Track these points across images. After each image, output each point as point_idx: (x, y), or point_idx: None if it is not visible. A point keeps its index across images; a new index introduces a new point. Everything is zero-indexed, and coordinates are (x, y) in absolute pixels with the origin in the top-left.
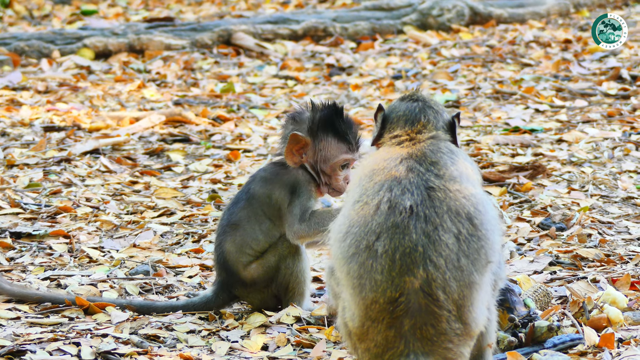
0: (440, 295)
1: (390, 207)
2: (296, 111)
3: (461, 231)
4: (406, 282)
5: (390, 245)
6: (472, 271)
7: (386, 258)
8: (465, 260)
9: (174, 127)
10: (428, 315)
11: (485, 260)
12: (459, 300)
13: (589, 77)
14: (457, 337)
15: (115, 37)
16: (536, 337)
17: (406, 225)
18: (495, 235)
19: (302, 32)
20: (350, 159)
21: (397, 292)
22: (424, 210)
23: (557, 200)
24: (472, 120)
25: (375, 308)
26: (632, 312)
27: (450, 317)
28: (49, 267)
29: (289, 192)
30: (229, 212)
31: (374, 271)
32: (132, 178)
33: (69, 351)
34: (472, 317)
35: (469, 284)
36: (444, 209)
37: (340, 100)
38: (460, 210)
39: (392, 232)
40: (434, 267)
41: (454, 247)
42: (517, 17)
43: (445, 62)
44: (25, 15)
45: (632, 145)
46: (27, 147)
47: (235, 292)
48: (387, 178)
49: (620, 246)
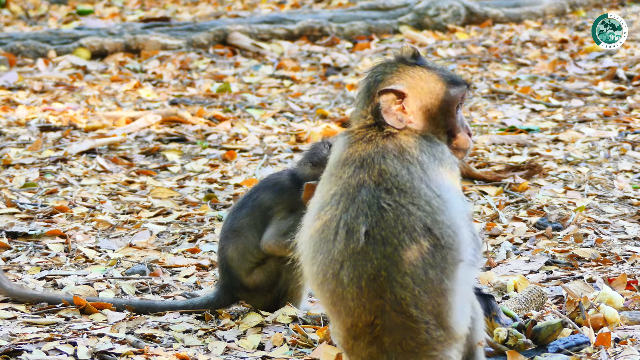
0: (412, 311)
1: (347, 231)
2: (314, 150)
3: (422, 244)
4: (377, 306)
5: (354, 273)
6: (442, 279)
7: (353, 286)
8: (432, 271)
9: (170, 126)
10: (406, 331)
11: (456, 262)
12: (434, 310)
13: (585, 77)
14: (440, 343)
15: (112, 37)
16: (542, 340)
17: (366, 252)
18: (461, 229)
19: (298, 32)
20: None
21: (371, 315)
22: (380, 233)
23: (553, 200)
24: (468, 120)
25: (356, 330)
26: (628, 312)
27: (429, 327)
28: (45, 267)
29: (289, 209)
30: (233, 216)
31: (345, 299)
32: (128, 178)
33: (65, 351)
34: (453, 321)
35: (442, 291)
36: (399, 229)
37: (336, 100)
38: (416, 226)
39: (353, 259)
40: (400, 287)
41: (418, 263)
42: (513, 17)
43: (441, 61)
44: (21, 15)
45: (628, 145)
46: (23, 147)
47: (239, 296)
48: (342, 192)
49: (616, 246)
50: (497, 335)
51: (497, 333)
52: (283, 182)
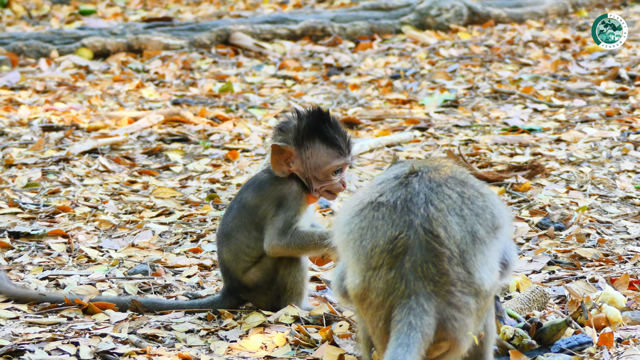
0: (440, 232)
1: (396, 176)
2: (283, 121)
3: (465, 192)
4: (406, 220)
5: (392, 196)
6: (475, 222)
7: (387, 205)
8: (468, 211)
9: (173, 126)
10: (429, 252)
11: (491, 221)
12: (461, 244)
13: (587, 77)
14: (460, 282)
15: (114, 37)
16: (547, 339)
17: (409, 182)
18: (503, 214)
19: (301, 32)
20: (343, 163)
21: (397, 230)
22: (428, 174)
23: (555, 200)
24: (470, 120)
25: (376, 253)
26: (630, 312)
27: (452, 257)
28: (47, 267)
29: (276, 205)
30: (222, 221)
31: (375, 219)
32: (130, 178)
33: (67, 351)
34: (475, 268)
35: (472, 232)
36: (447, 174)
37: (338, 100)
38: (466, 181)
39: (395, 187)
40: (435, 208)
41: (457, 200)
42: (515, 16)
43: (443, 61)
44: (23, 15)
45: (631, 145)
46: (25, 146)
47: (243, 297)
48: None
49: (618, 246)
50: (503, 332)
51: (504, 331)
52: (260, 176)
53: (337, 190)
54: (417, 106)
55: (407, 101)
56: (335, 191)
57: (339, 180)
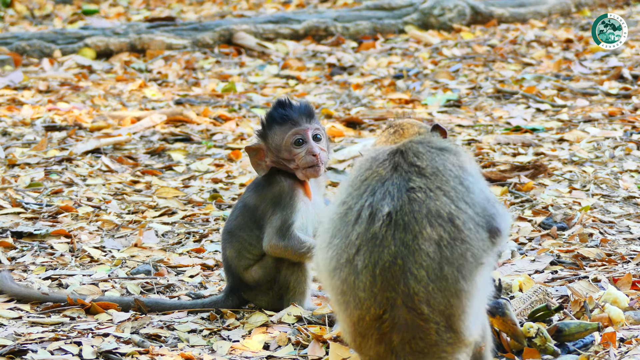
0: (424, 309)
1: (370, 213)
2: (257, 127)
3: (442, 236)
4: (388, 298)
5: (370, 259)
6: (458, 279)
7: (366, 274)
8: (449, 268)
9: (175, 126)
10: (415, 329)
11: (474, 263)
12: (446, 311)
13: (590, 77)
14: (450, 346)
15: (117, 37)
16: (566, 335)
17: (384, 236)
18: (479, 229)
19: (304, 32)
20: (296, 131)
21: (380, 309)
22: (403, 217)
23: (558, 200)
24: (473, 120)
25: (363, 325)
26: (633, 312)
27: (439, 328)
28: (50, 267)
29: (273, 204)
30: (228, 219)
31: (356, 288)
32: (133, 177)
33: (70, 350)
34: (464, 326)
35: (456, 292)
36: (423, 213)
37: (341, 100)
38: (440, 211)
39: (371, 244)
40: (414, 280)
41: (435, 256)
42: (518, 16)
43: (446, 61)
44: (26, 14)
45: (634, 145)
46: (28, 146)
47: (244, 296)
48: (373, 176)
49: (621, 245)
50: (527, 329)
51: (528, 328)
52: (257, 178)
53: (311, 163)
54: (420, 106)
55: (410, 101)
56: (309, 164)
57: (306, 151)
